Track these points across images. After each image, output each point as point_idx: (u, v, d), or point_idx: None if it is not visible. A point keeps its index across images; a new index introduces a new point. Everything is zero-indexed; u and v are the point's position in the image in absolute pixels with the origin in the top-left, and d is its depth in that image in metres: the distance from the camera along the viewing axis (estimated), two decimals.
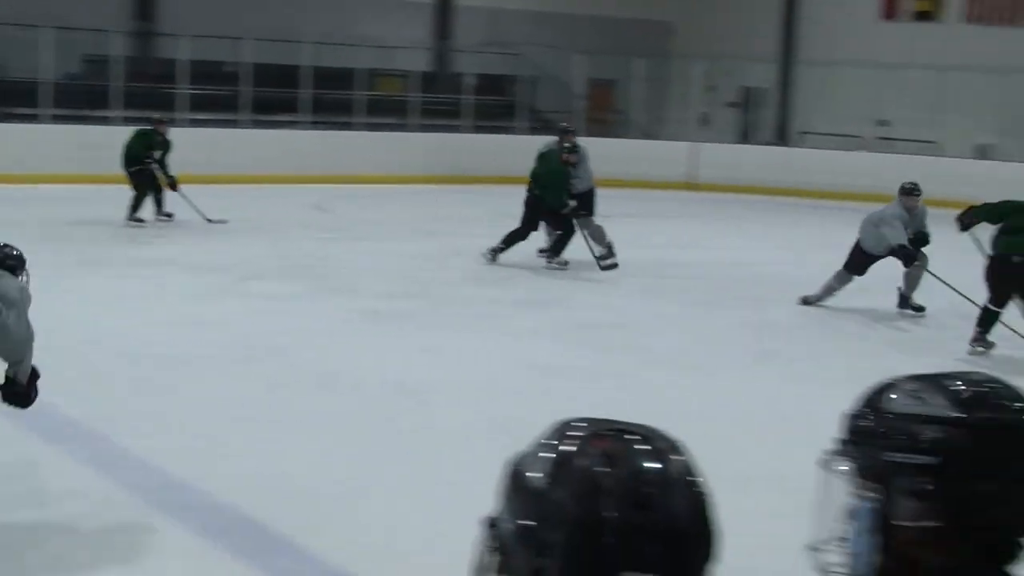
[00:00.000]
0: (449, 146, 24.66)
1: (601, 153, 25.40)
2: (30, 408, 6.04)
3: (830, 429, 1.84)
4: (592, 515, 1.44)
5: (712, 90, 30.15)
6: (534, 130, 27.04)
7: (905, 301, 12.56)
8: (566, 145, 15.12)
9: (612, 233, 14.88)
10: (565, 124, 16.40)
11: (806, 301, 12.77)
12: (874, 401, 1.74)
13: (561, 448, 1.51)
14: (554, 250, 14.78)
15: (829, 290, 12.64)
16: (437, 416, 8.23)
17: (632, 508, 1.45)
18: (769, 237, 18.87)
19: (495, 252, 14.77)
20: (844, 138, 27.17)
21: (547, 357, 10.08)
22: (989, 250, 10.90)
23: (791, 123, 29.55)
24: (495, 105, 28.23)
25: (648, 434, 1.54)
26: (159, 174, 16.81)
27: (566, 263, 14.60)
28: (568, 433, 1.53)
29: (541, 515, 1.47)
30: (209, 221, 16.73)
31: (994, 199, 11.53)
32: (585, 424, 1.55)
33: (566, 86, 29.11)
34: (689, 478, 1.50)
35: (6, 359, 5.87)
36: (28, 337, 5.83)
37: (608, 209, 20.78)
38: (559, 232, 14.70)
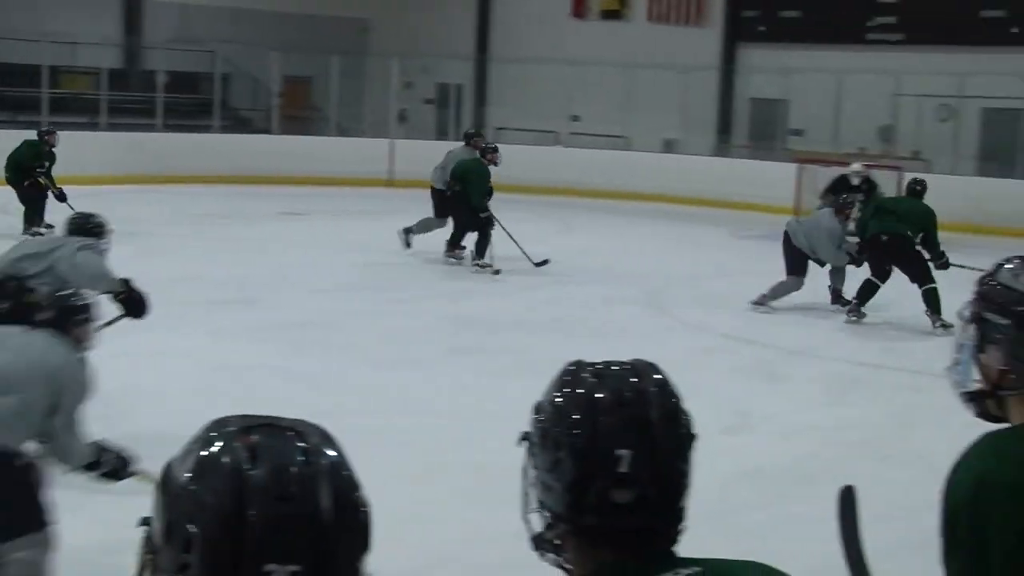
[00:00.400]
0: (142, 145, 24.01)
1: (299, 151, 25.38)
2: None
3: (525, 421, 1.98)
4: (233, 509, 1.45)
5: (409, 87, 30.36)
6: (227, 128, 26.69)
7: (839, 296, 13.35)
8: (489, 145, 15.87)
9: (314, 231, 14.82)
10: (473, 130, 17.34)
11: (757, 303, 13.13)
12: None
13: (207, 445, 1.52)
14: (479, 252, 14.97)
15: (777, 293, 13.07)
16: (128, 420, 8.02)
17: (274, 501, 1.46)
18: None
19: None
20: (540, 133, 27.81)
21: (243, 358, 9.97)
22: (865, 237, 12.82)
23: (488, 119, 30.02)
24: (188, 103, 27.69)
25: (298, 428, 1.56)
26: (45, 184, 16.47)
27: (491, 266, 14.72)
28: (216, 431, 1.55)
29: (185, 511, 1.47)
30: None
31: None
32: (235, 420, 1.56)
33: (261, 83, 28.80)
34: (337, 471, 1.53)
35: (105, 288, 7.91)
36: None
37: (309, 207, 20.75)
38: (479, 233, 15.05)
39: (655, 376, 1.97)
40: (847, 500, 2.55)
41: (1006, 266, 2.44)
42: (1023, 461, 2.23)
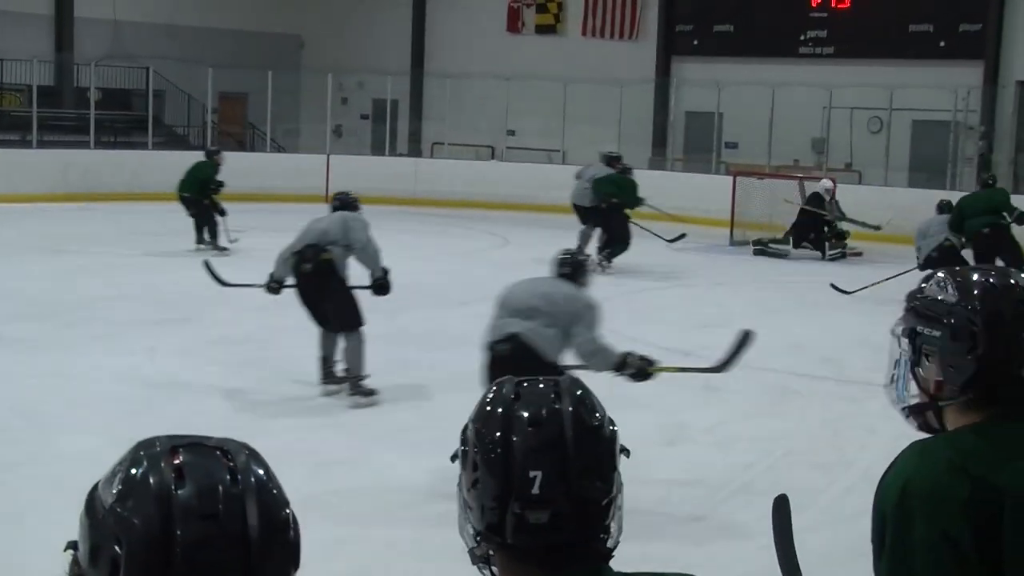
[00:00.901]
0: (75, 162, 23.78)
1: (235, 167, 25.19)
2: None
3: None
4: (160, 529, 1.45)
5: (345, 103, 30.33)
6: (162, 145, 26.50)
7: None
8: (627, 166, 18.30)
9: (249, 248, 14.72)
10: (615, 152, 19.12)
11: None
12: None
13: (133, 466, 1.52)
14: (613, 253, 17.03)
15: None
16: (62, 441, 7.95)
17: (200, 520, 1.46)
18: (401, 247, 19.05)
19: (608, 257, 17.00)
20: (476, 148, 27.87)
21: (180, 376, 9.90)
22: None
23: (424, 135, 30.03)
24: (122, 120, 27.48)
25: (226, 447, 1.56)
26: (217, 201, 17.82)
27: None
28: (142, 451, 1.54)
29: (111, 533, 1.47)
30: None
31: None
32: (162, 441, 1.56)
33: (196, 100, 28.65)
34: (264, 490, 1.53)
35: (371, 268, 9.72)
36: (378, 251, 9.64)
37: (245, 223, 20.63)
38: (620, 240, 17.17)
39: (577, 394, 1.99)
40: (780, 509, 2.59)
41: (933, 280, 2.51)
42: (946, 468, 2.28)
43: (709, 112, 25.60)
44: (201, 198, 17.79)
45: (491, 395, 2.02)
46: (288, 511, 1.54)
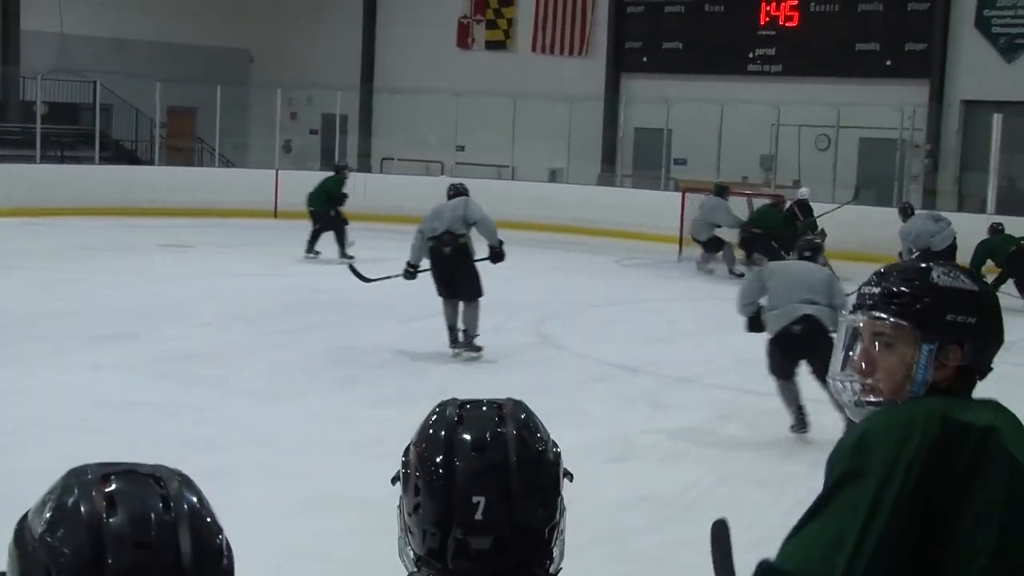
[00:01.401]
0: (21, 177, 23.56)
1: (183, 182, 25.13)
2: None
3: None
4: (91, 559, 1.43)
5: (294, 118, 30.24)
6: (109, 160, 26.33)
7: None
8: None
9: (199, 263, 14.63)
10: (720, 182, 20.19)
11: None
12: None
13: (64, 495, 1.49)
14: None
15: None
16: (8, 460, 7.85)
17: (132, 549, 1.44)
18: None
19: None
20: (425, 163, 27.85)
21: (125, 392, 9.80)
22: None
23: (373, 150, 29.98)
24: (69, 134, 27.27)
25: (158, 474, 1.53)
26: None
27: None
28: (73, 479, 1.52)
29: (42, 563, 1.44)
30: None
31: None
32: (93, 469, 1.53)
33: (144, 114, 28.47)
34: (197, 517, 1.51)
35: (489, 239, 11.80)
36: (494, 224, 11.87)
37: (193, 239, 20.53)
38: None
39: (520, 418, 1.97)
40: (719, 534, 2.58)
41: (937, 272, 2.52)
42: (924, 409, 2.33)
43: (658, 128, 25.71)
44: (327, 210, 18.77)
45: (434, 417, 1.99)
46: (221, 538, 1.52)
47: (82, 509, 1.46)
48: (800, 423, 9.19)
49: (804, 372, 9.23)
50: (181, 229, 21.60)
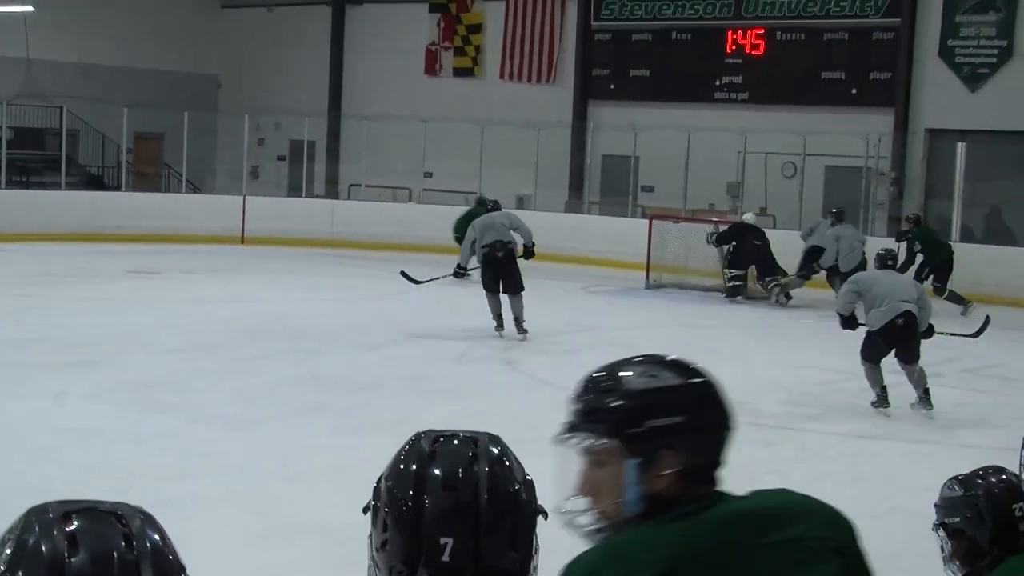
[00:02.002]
0: None
1: (150, 208, 25.04)
2: None
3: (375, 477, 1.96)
4: None
5: (262, 144, 30.21)
6: (75, 185, 26.23)
7: None
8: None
9: (165, 289, 14.56)
10: (838, 208, 20.06)
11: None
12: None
13: (25, 533, 1.49)
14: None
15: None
16: None
17: None
18: (317, 289, 19.01)
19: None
20: (393, 190, 27.85)
21: (89, 420, 9.74)
22: None
23: (341, 176, 29.96)
24: (34, 159, 27.15)
25: (119, 512, 1.53)
26: None
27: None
28: (34, 517, 1.51)
29: None
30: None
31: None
32: (54, 507, 1.52)
33: (111, 140, 28.38)
34: (159, 555, 1.50)
35: (526, 240, 14.97)
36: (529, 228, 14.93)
37: (160, 265, 20.45)
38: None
39: (493, 453, 1.92)
40: None
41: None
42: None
43: (625, 155, 25.79)
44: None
45: (406, 449, 1.94)
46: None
47: (43, 548, 1.45)
48: (883, 399, 11.22)
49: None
50: (148, 255, 21.51)
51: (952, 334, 12.55)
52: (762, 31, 25.73)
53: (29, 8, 27.88)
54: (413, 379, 12.01)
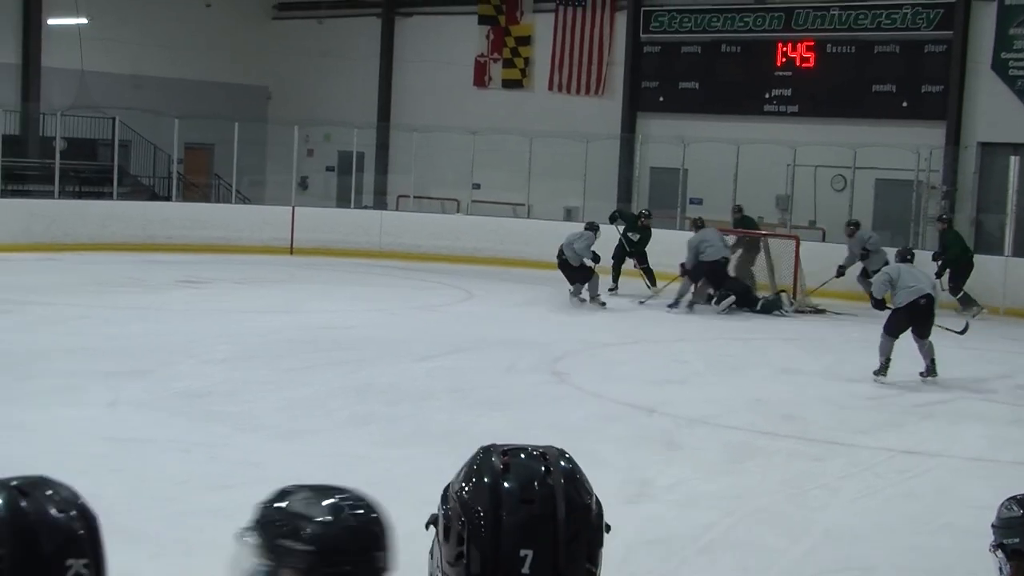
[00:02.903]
0: (40, 212, 23.69)
1: (200, 218, 25.23)
2: None
3: (431, 489, 2.00)
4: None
5: (311, 154, 30.37)
6: (127, 195, 26.45)
7: None
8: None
9: (215, 299, 14.65)
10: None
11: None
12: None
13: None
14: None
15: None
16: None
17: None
18: (365, 300, 19.08)
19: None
20: (441, 201, 27.93)
21: (140, 430, 9.80)
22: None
23: (389, 187, 30.08)
24: (87, 170, 27.41)
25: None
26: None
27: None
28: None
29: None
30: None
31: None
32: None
33: (162, 150, 28.62)
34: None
35: (573, 261, 18.80)
36: (584, 251, 18.82)
37: (210, 275, 20.60)
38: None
39: (565, 467, 1.94)
40: None
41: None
42: None
43: (674, 168, 25.74)
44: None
45: (477, 464, 1.95)
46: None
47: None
48: (884, 368, 13.11)
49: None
50: (198, 265, 21.67)
51: (946, 328, 13.74)
52: (812, 43, 25.62)
53: (83, 20, 28.21)
54: (461, 390, 12.02)
